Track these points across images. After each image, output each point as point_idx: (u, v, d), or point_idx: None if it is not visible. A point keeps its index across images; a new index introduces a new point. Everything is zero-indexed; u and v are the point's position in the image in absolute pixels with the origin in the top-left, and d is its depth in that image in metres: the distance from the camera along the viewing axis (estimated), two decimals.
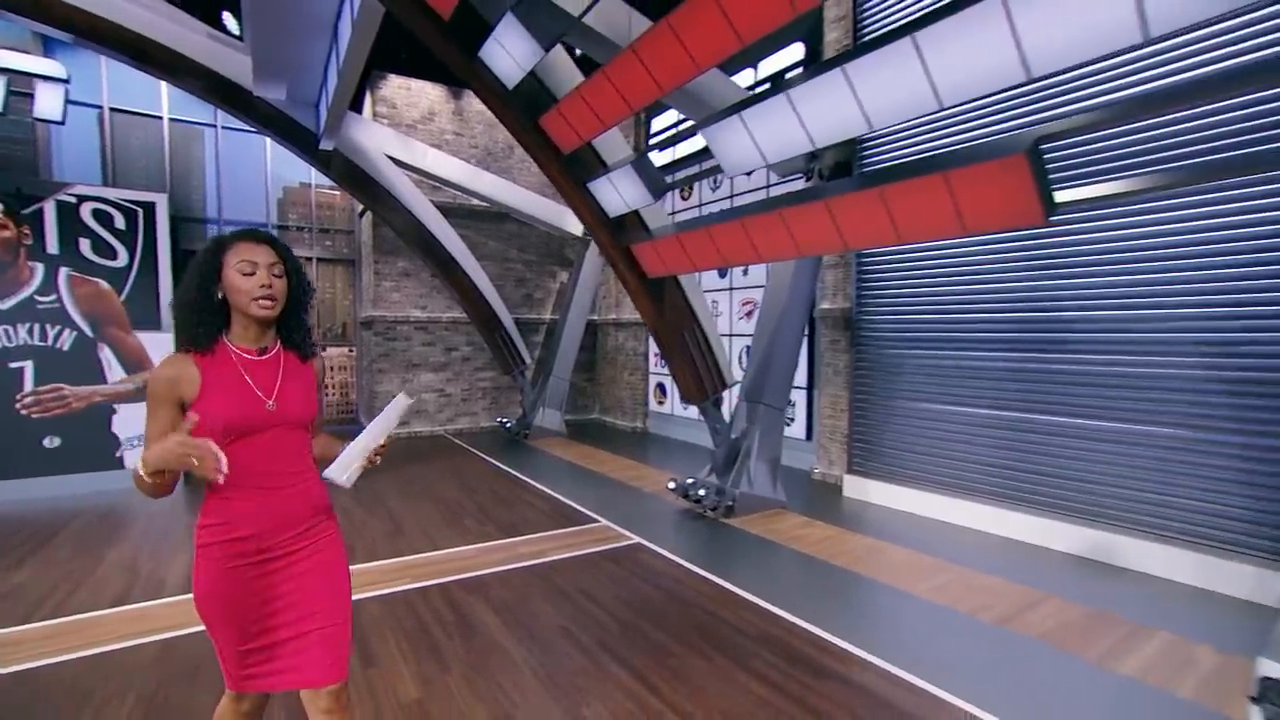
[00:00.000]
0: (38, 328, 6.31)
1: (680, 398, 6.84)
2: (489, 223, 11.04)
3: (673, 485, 6.03)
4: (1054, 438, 5.00)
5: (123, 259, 6.73)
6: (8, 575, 4.19)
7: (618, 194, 5.45)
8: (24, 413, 6.24)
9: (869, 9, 6.43)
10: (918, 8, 5.91)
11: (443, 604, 3.76)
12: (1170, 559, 4.23)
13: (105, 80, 9.54)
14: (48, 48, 8.80)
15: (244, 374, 1.60)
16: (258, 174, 10.89)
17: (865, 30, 6.49)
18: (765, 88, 5.03)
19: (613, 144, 5.76)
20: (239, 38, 6.96)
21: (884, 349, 6.43)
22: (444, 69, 5.33)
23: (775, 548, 4.84)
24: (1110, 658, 3.16)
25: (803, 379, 7.62)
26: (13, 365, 6.20)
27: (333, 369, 12.26)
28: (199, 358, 1.56)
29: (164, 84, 9.31)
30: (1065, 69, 2.71)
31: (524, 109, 5.30)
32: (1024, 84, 2.85)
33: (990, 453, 5.46)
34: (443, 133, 10.68)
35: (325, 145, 7.58)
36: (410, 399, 1.76)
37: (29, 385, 6.27)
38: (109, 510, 5.77)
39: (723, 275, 9.21)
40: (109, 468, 6.58)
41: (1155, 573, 4.30)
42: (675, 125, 10.15)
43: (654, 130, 10.69)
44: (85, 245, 6.53)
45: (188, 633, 3.33)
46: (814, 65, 4.50)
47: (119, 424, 6.65)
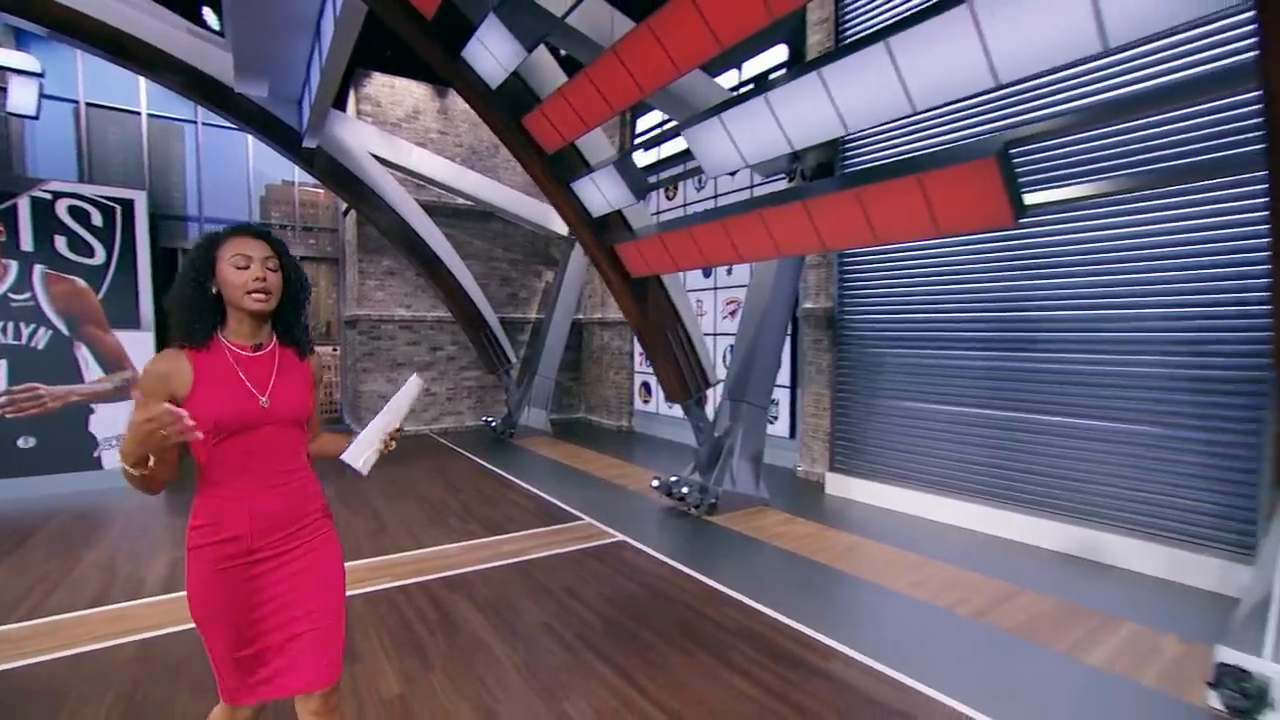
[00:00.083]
0: (12, 326, 6.21)
1: (664, 397, 6.90)
2: (474, 222, 11.01)
3: (656, 483, 6.07)
4: (1031, 435, 5.10)
5: (100, 256, 6.64)
6: None
7: (600, 194, 5.48)
8: None
9: (851, 12, 6.49)
10: (900, 11, 5.98)
11: (426, 602, 3.77)
12: (1141, 553, 4.34)
13: (81, 74, 9.37)
14: (20, 41, 8.63)
15: (237, 370, 1.57)
16: (240, 171, 10.76)
17: (847, 32, 6.55)
18: (748, 89, 5.09)
19: (596, 144, 5.78)
20: (219, 33, 6.88)
21: (865, 348, 6.51)
22: (429, 67, 5.31)
23: (758, 545, 4.90)
24: (1079, 648, 3.25)
25: (787, 378, 7.69)
26: None
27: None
28: (192, 353, 1.54)
29: (142, 79, 9.18)
30: (1032, 75, 2.80)
31: (507, 109, 5.31)
32: (994, 89, 2.93)
33: (969, 450, 5.55)
34: (427, 131, 10.63)
35: (308, 143, 7.52)
36: (422, 381, 1.75)
37: (3, 384, 6.17)
38: (86, 511, 5.69)
39: (707, 275, 9.26)
40: (86, 468, 6.50)
41: (1128, 566, 4.41)
42: (660, 125, 10.19)
43: (639, 130, 10.71)
44: (61, 243, 6.43)
45: (167, 632, 3.32)
46: (792, 69, 4.56)
47: (96, 424, 6.56)
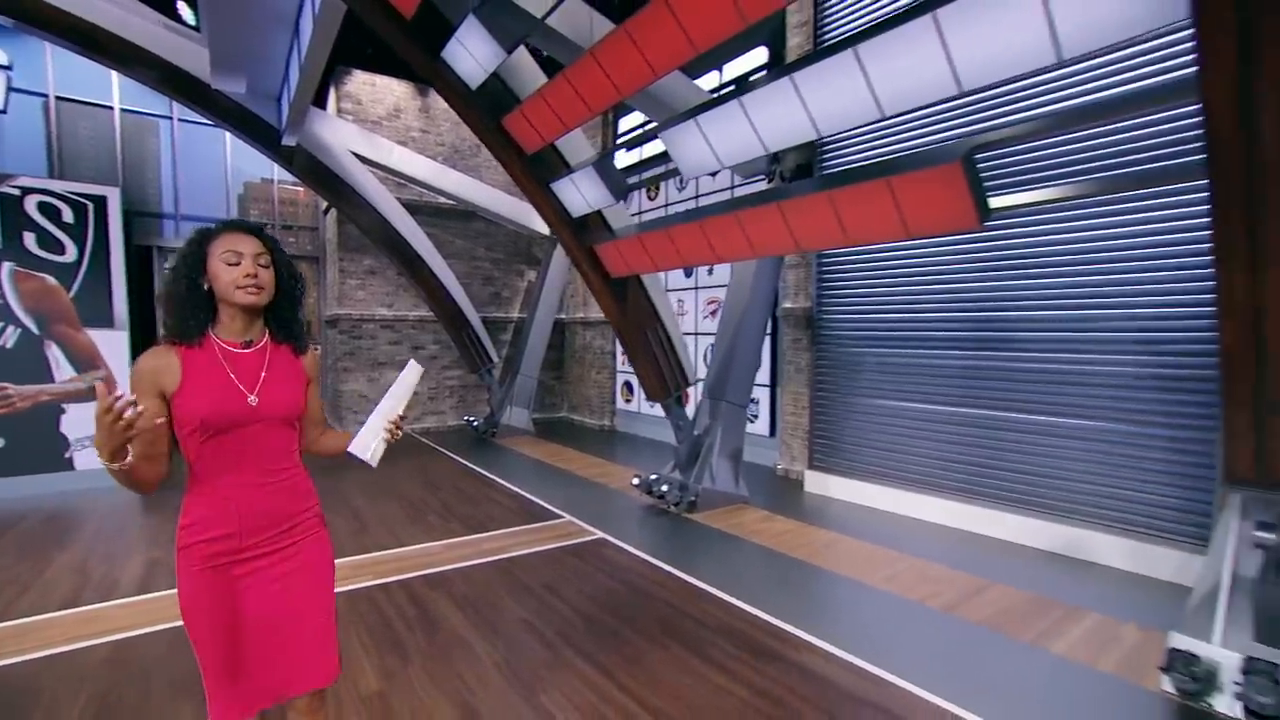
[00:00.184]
0: None
1: (645, 396, 6.95)
2: (456, 221, 10.97)
3: (636, 481, 6.11)
4: (1004, 432, 5.23)
5: (71, 254, 6.52)
6: None
7: (580, 194, 5.51)
8: None
9: (829, 15, 6.59)
10: (877, 15, 6.06)
11: (405, 599, 3.77)
12: (1109, 546, 4.48)
13: (50, 67, 9.20)
14: None
15: (226, 367, 1.55)
16: (217, 168, 10.62)
17: (826, 36, 6.65)
18: (728, 90, 5.12)
19: (576, 145, 5.81)
20: (195, 28, 6.79)
21: (844, 347, 6.61)
22: (410, 66, 5.31)
23: (737, 542, 4.96)
24: (1044, 638, 3.36)
25: (767, 377, 7.78)
26: None
27: None
28: (182, 349, 1.53)
29: (115, 73, 9.02)
30: (994, 83, 2.89)
31: (487, 109, 5.32)
32: (958, 96, 3.02)
33: (944, 448, 5.67)
34: (409, 130, 10.57)
35: (288, 141, 7.46)
36: (421, 366, 1.74)
37: None
38: (56, 513, 5.60)
39: (689, 274, 9.32)
40: (57, 469, 6.38)
41: (1096, 559, 4.55)
42: (643, 125, 10.23)
43: (621, 130, 10.75)
44: (30, 239, 6.31)
45: (141, 633, 3.30)
46: (766, 73, 4.63)
47: (68, 424, 6.45)
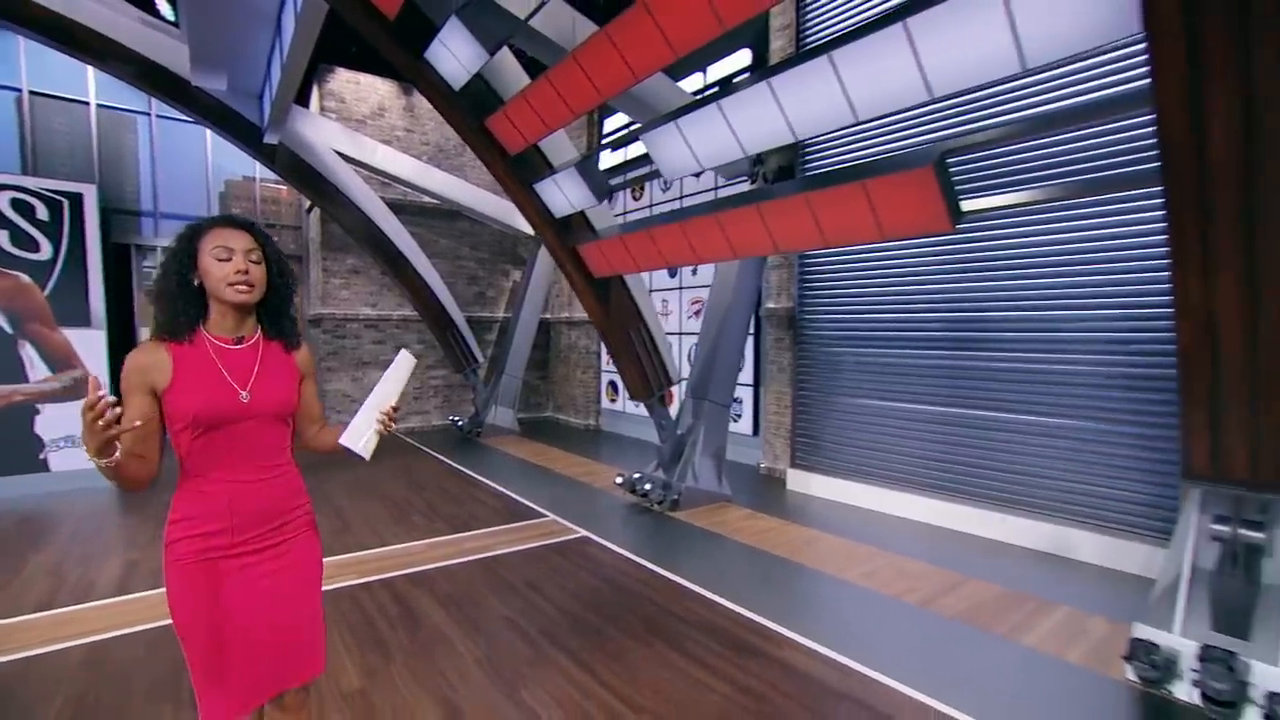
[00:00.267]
0: None
1: (628, 395, 6.99)
2: (441, 220, 10.93)
3: (620, 480, 6.15)
4: (981, 431, 5.33)
5: (46, 252, 6.42)
6: None
7: (563, 195, 5.53)
8: None
9: (811, 18, 6.67)
10: (857, 19, 6.15)
11: (388, 598, 3.78)
12: (1081, 541, 4.60)
13: (24, 61, 9.01)
14: None
15: (218, 363, 1.55)
16: (197, 165, 10.47)
17: (808, 40, 6.73)
18: (711, 92, 5.14)
19: (559, 145, 5.83)
20: (174, 24, 6.72)
21: (825, 347, 6.70)
22: (393, 64, 5.30)
23: (719, 539, 5.01)
24: (1016, 631, 3.45)
25: (750, 376, 7.85)
26: None
27: None
28: (173, 346, 1.52)
29: (90, 68, 8.88)
30: (964, 90, 2.97)
31: (470, 109, 5.33)
32: (929, 102, 3.10)
33: (923, 446, 5.77)
34: (393, 129, 10.52)
35: (270, 139, 7.41)
36: (413, 356, 1.72)
37: None
38: (30, 514, 5.52)
39: (673, 275, 9.38)
40: (31, 470, 6.28)
41: (1069, 554, 4.66)
42: (627, 126, 10.26)
43: (606, 130, 10.78)
44: (3, 237, 6.20)
45: (118, 635, 3.28)
46: (744, 77, 4.69)
47: (43, 424, 6.35)
